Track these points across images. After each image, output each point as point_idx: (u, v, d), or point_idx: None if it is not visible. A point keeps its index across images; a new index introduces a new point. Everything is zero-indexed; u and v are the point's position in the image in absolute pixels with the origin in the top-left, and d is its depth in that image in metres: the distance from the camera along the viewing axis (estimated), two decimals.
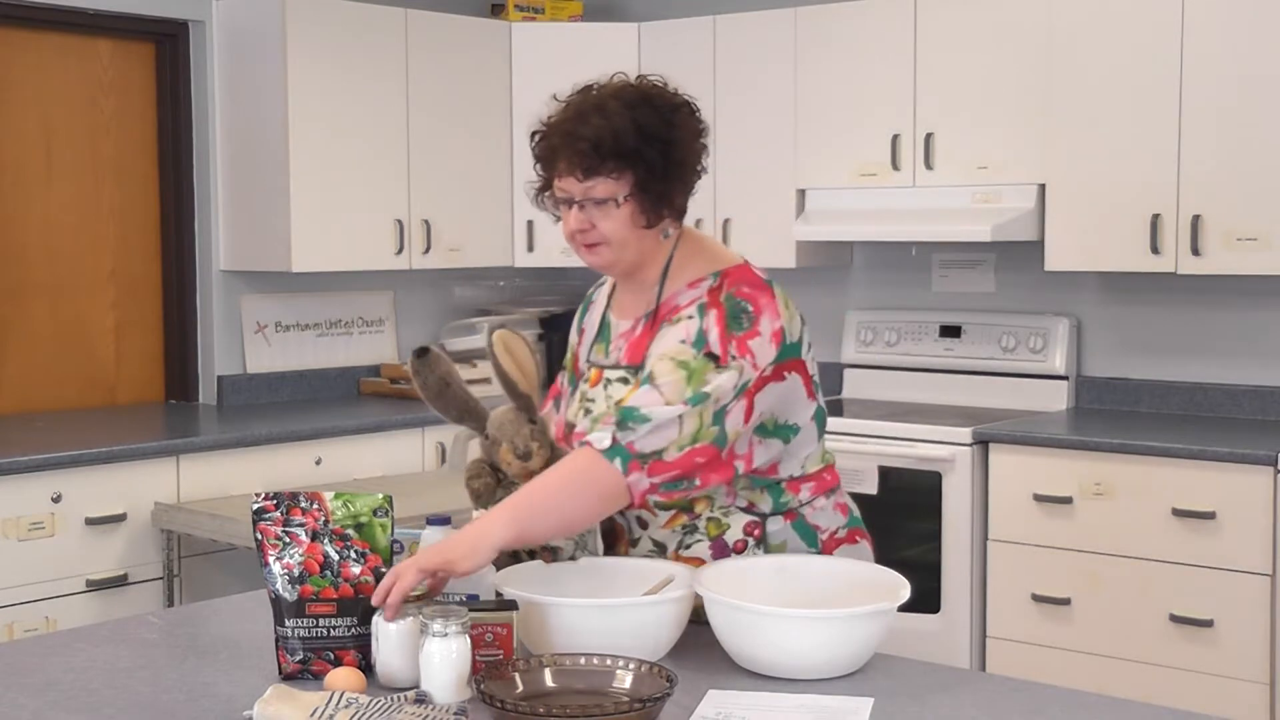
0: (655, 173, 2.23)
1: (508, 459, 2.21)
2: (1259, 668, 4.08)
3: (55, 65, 4.96)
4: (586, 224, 2.25)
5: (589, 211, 2.24)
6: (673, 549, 2.31)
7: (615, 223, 2.24)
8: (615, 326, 2.39)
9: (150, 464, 4.35)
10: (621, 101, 2.23)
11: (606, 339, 2.39)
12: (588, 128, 2.20)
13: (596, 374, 2.36)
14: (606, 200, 2.23)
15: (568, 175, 2.24)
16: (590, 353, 2.42)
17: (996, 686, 2.13)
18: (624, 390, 2.27)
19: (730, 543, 2.30)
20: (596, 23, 5.77)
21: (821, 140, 5.16)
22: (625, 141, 2.20)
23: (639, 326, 2.34)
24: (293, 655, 2.01)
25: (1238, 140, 4.33)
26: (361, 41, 5.18)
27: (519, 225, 5.64)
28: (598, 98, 2.25)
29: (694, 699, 1.90)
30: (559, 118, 2.26)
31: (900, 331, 5.29)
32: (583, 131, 2.21)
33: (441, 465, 5.01)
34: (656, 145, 2.23)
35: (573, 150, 2.21)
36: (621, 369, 2.32)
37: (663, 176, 2.24)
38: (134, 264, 5.20)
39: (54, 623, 4.09)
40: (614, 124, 2.21)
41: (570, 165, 2.22)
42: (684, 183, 2.29)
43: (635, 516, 2.32)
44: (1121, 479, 4.30)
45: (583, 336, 2.46)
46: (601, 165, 2.21)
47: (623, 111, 2.22)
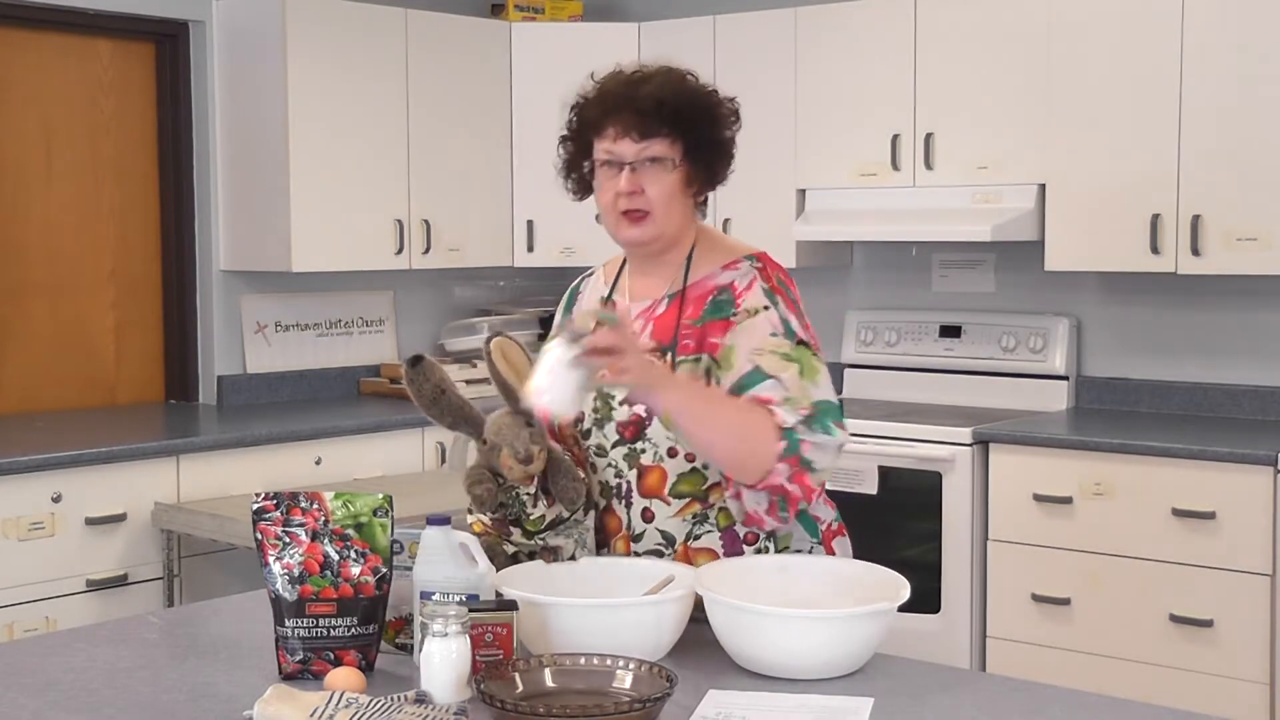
0: (704, 142, 2.31)
1: (509, 463, 2.21)
2: (1259, 668, 4.08)
3: (55, 65, 4.96)
4: (637, 186, 2.28)
5: (640, 173, 2.27)
6: (681, 540, 2.30)
7: (665, 186, 2.28)
8: (628, 309, 2.38)
9: (150, 464, 4.35)
10: (666, 77, 2.31)
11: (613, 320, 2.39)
12: (647, 90, 2.27)
13: None
14: (661, 160, 2.27)
15: (623, 137, 2.27)
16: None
17: (996, 686, 2.13)
18: None
19: (742, 534, 2.31)
20: (596, 23, 5.77)
21: (821, 140, 5.16)
22: (679, 107, 2.28)
23: (662, 305, 2.35)
24: (293, 655, 2.01)
25: (1238, 140, 4.33)
26: (361, 41, 5.18)
27: (519, 225, 5.64)
28: (643, 73, 2.32)
29: (694, 699, 1.90)
30: (606, 87, 2.32)
31: (900, 331, 5.29)
32: (643, 92, 2.27)
33: (441, 465, 5.01)
34: (707, 116, 2.31)
35: (632, 110, 2.26)
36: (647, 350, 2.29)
37: (711, 146, 2.32)
38: (134, 264, 5.20)
39: (54, 623, 4.09)
40: (671, 89, 2.29)
41: (627, 126, 2.26)
42: (726, 158, 2.36)
43: (642, 508, 2.32)
44: (1121, 479, 4.30)
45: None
46: (660, 126, 2.26)
47: (671, 84, 2.30)
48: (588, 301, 2.48)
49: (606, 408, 2.32)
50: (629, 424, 2.30)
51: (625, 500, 2.33)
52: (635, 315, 2.37)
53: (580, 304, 2.49)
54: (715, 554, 2.30)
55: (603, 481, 2.34)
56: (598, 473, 2.34)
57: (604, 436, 2.33)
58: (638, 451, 2.30)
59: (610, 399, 2.31)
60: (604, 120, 2.29)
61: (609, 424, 2.32)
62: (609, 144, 2.29)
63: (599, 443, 2.34)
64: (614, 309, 2.21)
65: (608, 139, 2.29)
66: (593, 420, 2.34)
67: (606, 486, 2.34)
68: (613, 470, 2.33)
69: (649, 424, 2.28)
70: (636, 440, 2.30)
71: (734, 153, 2.37)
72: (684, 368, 2.27)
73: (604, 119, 2.29)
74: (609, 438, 2.32)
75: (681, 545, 2.31)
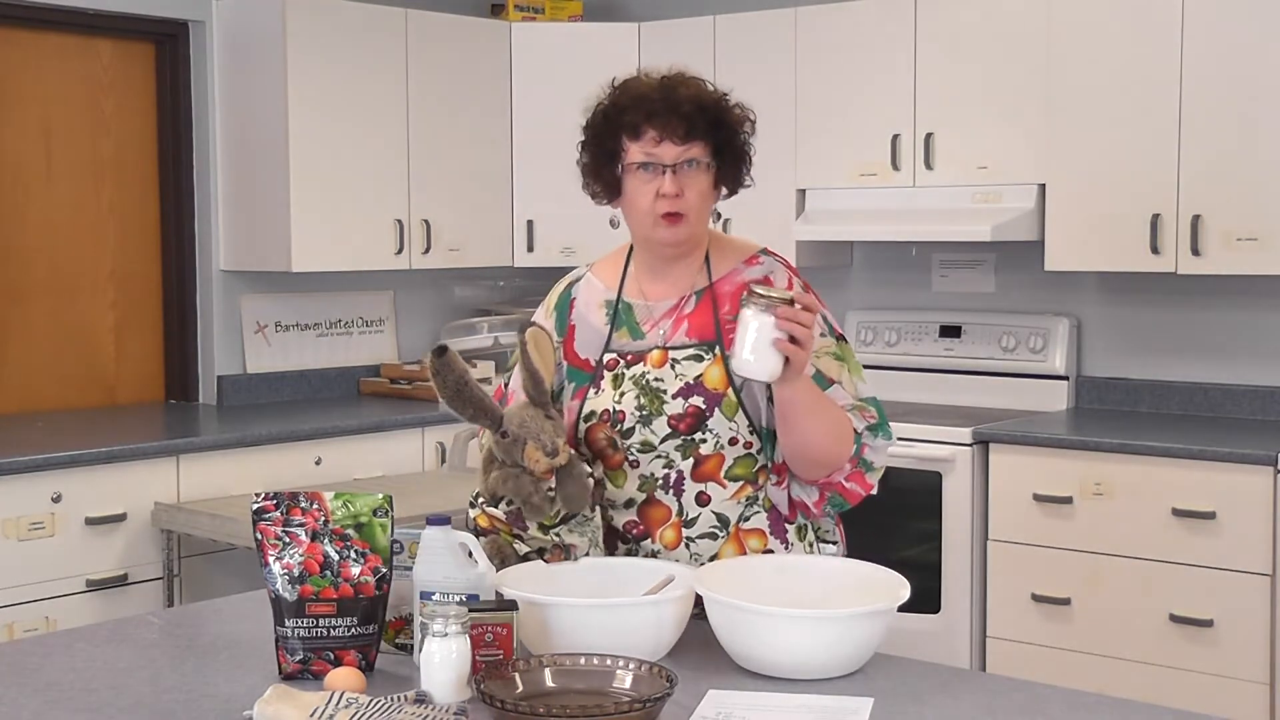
0: (730, 145, 2.37)
1: (535, 456, 2.20)
2: (1259, 668, 4.08)
3: (55, 65, 4.96)
4: (679, 188, 2.32)
5: (680, 176, 2.32)
6: (735, 521, 2.35)
7: (702, 189, 2.34)
8: (646, 308, 2.41)
9: (150, 464, 4.35)
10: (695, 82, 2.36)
11: (631, 323, 2.41)
12: (684, 94, 2.32)
13: (662, 355, 2.36)
14: (699, 163, 2.32)
15: (664, 140, 2.31)
16: (610, 340, 2.40)
17: (996, 686, 2.13)
18: (697, 367, 2.33)
19: (784, 513, 2.38)
20: (596, 23, 5.77)
21: (821, 140, 5.16)
22: (716, 110, 2.34)
23: (690, 303, 2.39)
24: (293, 655, 2.01)
25: (1238, 140, 4.33)
26: (361, 41, 5.18)
27: (519, 225, 5.64)
28: (671, 77, 2.36)
29: (694, 699, 1.90)
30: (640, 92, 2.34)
31: (900, 331, 5.30)
32: (682, 95, 2.31)
33: (441, 465, 5.01)
34: (734, 122, 2.37)
35: (675, 113, 2.30)
36: (690, 345, 2.35)
37: (737, 150, 2.39)
38: (134, 264, 5.20)
39: (54, 623, 4.09)
40: (703, 93, 2.35)
41: (669, 129, 2.30)
42: (748, 162, 2.42)
43: (696, 493, 2.33)
44: (1121, 479, 4.30)
45: (572, 331, 2.44)
46: (699, 130, 2.31)
47: (701, 86, 2.36)
48: (585, 308, 2.45)
49: (656, 403, 2.32)
50: (684, 416, 2.32)
51: (675, 489, 2.34)
52: (661, 315, 2.39)
53: (577, 309, 2.46)
54: (764, 534, 2.36)
55: (645, 475, 2.35)
56: (640, 467, 2.35)
57: (651, 432, 2.33)
58: (696, 442, 2.32)
59: (662, 394, 2.32)
60: (645, 124, 2.31)
61: (658, 419, 2.32)
62: (650, 147, 2.32)
63: (645, 439, 2.33)
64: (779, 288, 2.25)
65: (648, 142, 2.32)
66: (637, 418, 2.33)
67: (651, 479, 2.34)
68: (661, 461, 2.33)
69: (709, 415, 2.31)
70: (694, 431, 2.32)
71: (753, 156, 2.43)
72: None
73: (645, 122, 2.31)
74: (658, 433, 2.32)
75: (734, 527, 2.35)
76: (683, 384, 2.32)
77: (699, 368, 2.33)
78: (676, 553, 2.34)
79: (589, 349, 2.42)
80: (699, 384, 2.32)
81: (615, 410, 2.34)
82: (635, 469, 2.35)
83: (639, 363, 2.36)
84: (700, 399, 2.31)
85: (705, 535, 2.34)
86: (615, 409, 2.34)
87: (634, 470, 2.35)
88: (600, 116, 2.38)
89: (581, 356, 2.42)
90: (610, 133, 2.36)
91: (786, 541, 2.37)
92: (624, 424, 2.33)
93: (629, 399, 2.34)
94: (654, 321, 2.39)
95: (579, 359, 2.42)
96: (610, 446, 2.35)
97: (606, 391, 2.36)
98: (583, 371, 2.41)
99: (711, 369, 2.33)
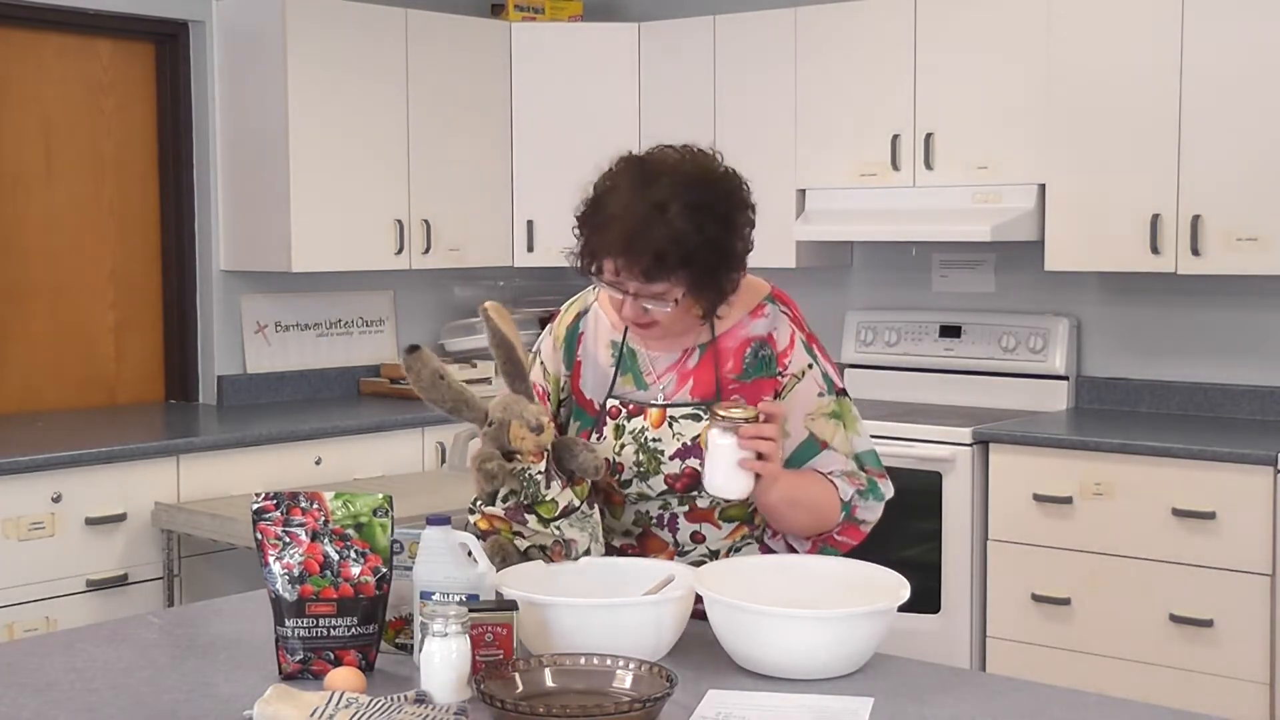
0: (712, 270, 2.23)
1: (521, 434, 2.20)
2: (1259, 668, 4.08)
3: (55, 65, 4.96)
4: (641, 314, 2.26)
5: (645, 301, 2.24)
6: (724, 553, 2.37)
7: (669, 315, 2.27)
8: (649, 359, 2.39)
9: (150, 464, 4.35)
10: (683, 204, 2.18)
11: (635, 370, 2.39)
12: (650, 239, 2.16)
13: (660, 414, 2.34)
14: (662, 296, 2.23)
15: (626, 274, 2.21)
16: (614, 385, 2.39)
17: (996, 686, 2.13)
18: (695, 427, 2.30)
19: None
20: (596, 23, 5.77)
21: (821, 140, 5.16)
22: (687, 254, 2.18)
23: (693, 358, 2.37)
24: (293, 655, 2.01)
25: (1238, 140, 4.32)
26: (361, 41, 5.18)
27: (519, 225, 5.64)
28: (658, 195, 2.18)
29: (694, 699, 1.90)
30: (615, 211, 2.19)
31: (900, 331, 5.29)
32: (648, 241, 2.16)
33: (441, 465, 5.01)
34: (712, 252, 2.22)
35: (635, 259, 2.18)
36: (689, 405, 2.34)
37: (718, 271, 2.24)
38: (134, 264, 5.20)
39: (54, 623, 4.09)
40: (676, 232, 2.17)
41: (631, 265, 2.19)
42: (739, 267, 2.28)
43: (691, 532, 2.35)
44: (1121, 479, 4.30)
45: (579, 368, 2.43)
46: (660, 273, 2.19)
47: (685, 216, 2.18)
48: (592, 344, 2.43)
49: (654, 463, 2.32)
50: (680, 477, 2.32)
51: (670, 527, 2.36)
52: (665, 368, 2.37)
53: (584, 345, 2.44)
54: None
55: (641, 512, 2.36)
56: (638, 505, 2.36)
57: (648, 488, 2.34)
58: (692, 498, 2.34)
59: (659, 455, 2.32)
60: (604, 254, 2.22)
61: (655, 476, 2.33)
62: (613, 275, 2.23)
63: (642, 492, 2.35)
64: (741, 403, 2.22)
65: (609, 271, 2.23)
66: (635, 473, 2.33)
67: (646, 516, 2.36)
68: (658, 504, 2.35)
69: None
70: (690, 490, 2.32)
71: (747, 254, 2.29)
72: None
73: (604, 253, 2.21)
74: (654, 489, 2.34)
75: (724, 555, 2.37)
76: (680, 445, 2.32)
77: (697, 428, 2.31)
78: None
79: (594, 390, 2.42)
80: (696, 445, 2.30)
81: (615, 461, 2.35)
82: (632, 505, 2.37)
83: (639, 415, 2.36)
84: (697, 461, 2.29)
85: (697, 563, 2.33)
86: (615, 459, 2.35)
87: (631, 506, 2.37)
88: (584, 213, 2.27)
89: (587, 396, 2.42)
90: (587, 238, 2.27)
91: None
92: (622, 475, 2.35)
93: (628, 453, 2.34)
94: (657, 375, 2.38)
95: (584, 398, 2.42)
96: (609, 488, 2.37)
97: (608, 440, 2.36)
98: (586, 413, 2.41)
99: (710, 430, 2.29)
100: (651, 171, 2.23)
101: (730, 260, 2.25)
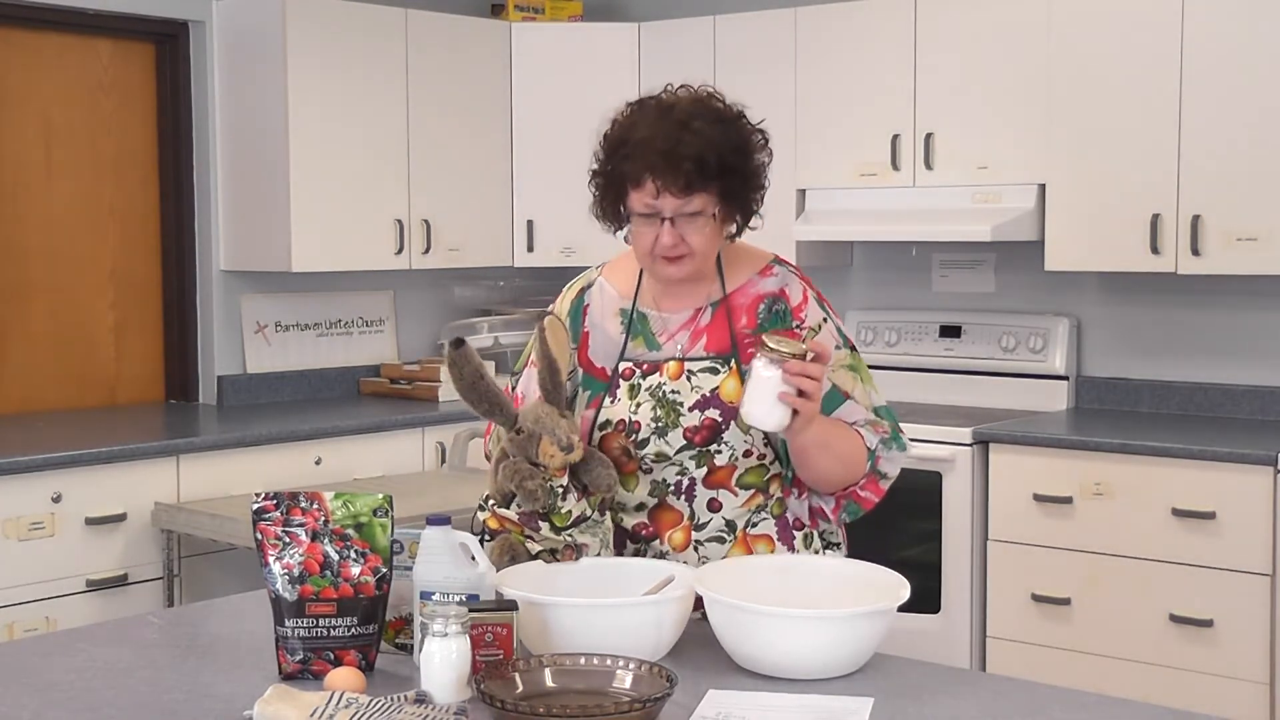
0: (740, 185, 2.32)
1: (550, 451, 2.21)
2: (1259, 668, 4.08)
3: (55, 65, 4.96)
4: (678, 238, 2.29)
5: (681, 226, 2.28)
6: (742, 527, 2.36)
7: (705, 235, 2.30)
8: (661, 320, 2.41)
9: (150, 464, 4.35)
10: (705, 120, 2.28)
11: (646, 333, 2.41)
12: (687, 146, 2.24)
13: (678, 366, 2.36)
14: (699, 214, 2.28)
15: (664, 193, 2.25)
16: (625, 349, 2.41)
17: (996, 686, 2.13)
18: (713, 379, 2.33)
19: (791, 520, 2.40)
20: (596, 23, 5.77)
21: (821, 140, 5.16)
22: (721, 158, 2.27)
23: (705, 315, 2.39)
24: (293, 655, 2.01)
25: (1238, 140, 4.32)
26: (361, 41, 5.18)
27: (519, 225, 5.64)
28: (680, 115, 2.28)
29: (694, 699, 1.90)
30: (644, 135, 2.27)
31: (900, 331, 5.29)
32: (683, 150, 2.24)
33: (441, 465, 5.01)
34: (742, 159, 2.31)
35: (675, 170, 2.24)
36: (707, 359, 2.36)
37: (745, 187, 2.33)
38: (134, 264, 5.20)
39: (54, 623, 4.09)
40: (708, 140, 2.26)
41: (667, 183, 2.25)
42: (760, 191, 2.37)
43: (708, 499, 2.35)
44: (1121, 479, 4.30)
45: (586, 338, 2.44)
46: (699, 182, 2.25)
47: (711, 128, 2.28)
48: (599, 315, 2.45)
49: (672, 416, 2.33)
50: (700, 429, 2.33)
51: (686, 495, 2.36)
52: (676, 327, 2.39)
53: (591, 316, 2.45)
54: (771, 540, 2.37)
55: (658, 480, 2.36)
56: (653, 474, 2.36)
57: (666, 444, 2.34)
58: (710, 453, 2.34)
59: (679, 407, 2.33)
60: (643, 175, 2.26)
61: (674, 430, 2.33)
62: (648, 198, 2.27)
63: (660, 450, 2.34)
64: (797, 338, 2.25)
65: (647, 193, 2.27)
66: (653, 429, 2.33)
67: (663, 484, 2.36)
68: (675, 469, 2.35)
69: (725, 428, 2.32)
70: (709, 443, 2.33)
71: (766, 182, 2.37)
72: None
73: (646, 174, 2.26)
74: (673, 444, 2.33)
75: (741, 532, 2.36)
76: (699, 396, 2.33)
77: (715, 380, 2.34)
78: (685, 555, 2.35)
79: (604, 357, 2.42)
80: (715, 396, 2.32)
81: (631, 420, 2.34)
82: (648, 474, 2.36)
83: (655, 373, 2.37)
84: (717, 412, 2.32)
85: (713, 539, 2.35)
86: (631, 419, 2.35)
87: (646, 476, 2.36)
88: (608, 151, 2.33)
89: (597, 365, 2.42)
90: (614, 174, 2.32)
91: (793, 548, 2.39)
92: (639, 434, 2.34)
93: (645, 410, 2.34)
94: (670, 334, 2.40)
95: (594, 367, 2.42)
96: (624, 455, 2.36)
97: (622, 401, 2.36)
98: (598, 380, 2.41)
99: (728, 381, 2.33)
100: (665, 102, 2.32)
101: (756, 173, 2.34)
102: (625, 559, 2.33)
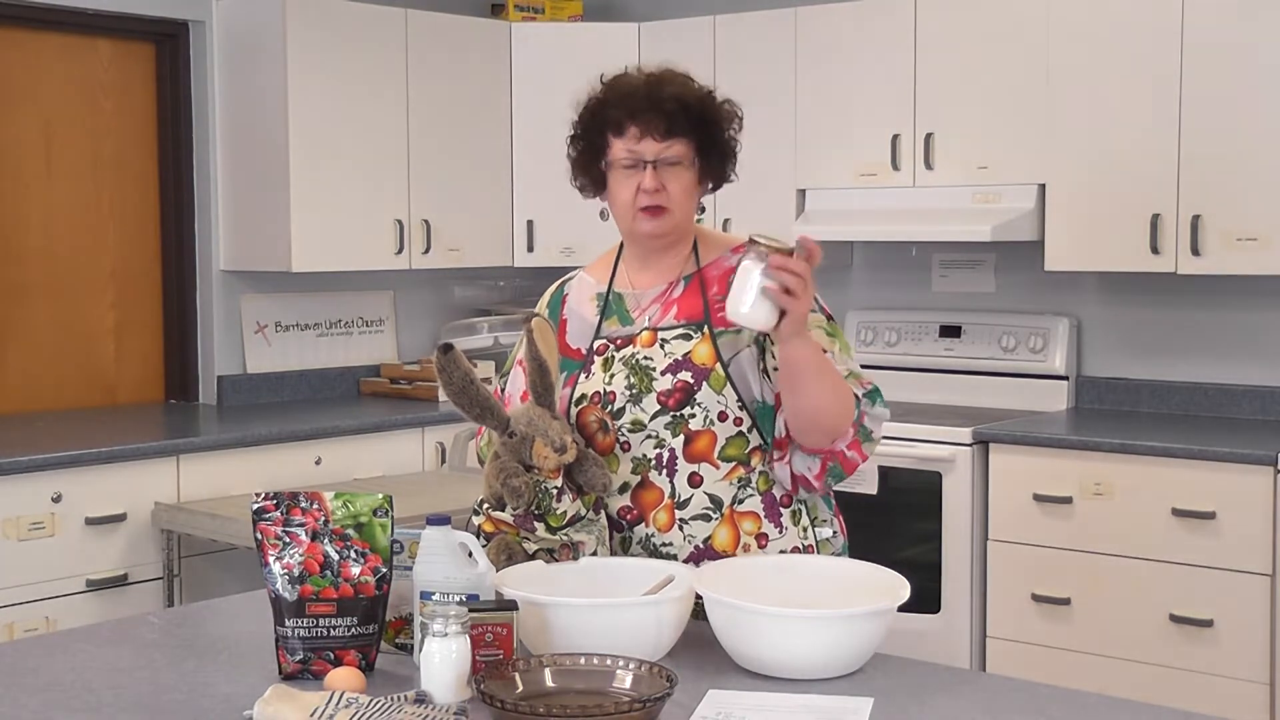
0: (715, 142, 2.41)
1: (543, 453, 2.22)
2: (1259, 668, 4.08)
3: (55, 65, 4.96)
4: (659, 183, 2.36)
5: (661, 173, 2.36)
6: (728, 504, 2.36)
7: (683, 184, 2.38)
8: (635, 297, 2.46)
9: (150, 464, 4.35)
10: (680, 80, 2.41)
11: (621, 311, 2.45)
12: (668, 91, 2.36)
13: (651, 335, 2.40)
14: (679, 162, 2.37)
15: (645, 137, 2.35)
16: (600, 329, 2.45)
17: (996, 686, 2.13)
18: (685, 345, 2.37)
19: (778, 497, 2.39)
20: (596, 23, 5.77)
21: (821, 140, 5.16)
22: (700, 106, 2.38)
23: (678, 287, 2.43)
24: (293, 655, 2.01)
25: (1238, 140, 4.33)
26: (361, 41, 5.18)
27: (519, 225, 5.64)
28: (656, 75, 2.41)
29: (694, 699, 1.90)
30: (626, 90, 2.38)
31: (900, 331, 5.30)
32: (666, 93, 2.36)
33: (441, 465, 5.01)
34: (717, 119, 2.41)
35: (657, 111, 2.34)
36: (679, 326, 2.39)
37: (720, 145, 2.42)
38: (134, 264, 5.20)
39: (54, 623, 4.09)
40: (687, 88, 2.40)
41: (650, 126, 2.35)
42: (732, 158, 2.46)
43: (689, 474, 2.35)
44: (1121, 479, 4.30)
45: (564, 325, 2.49)
46: (681, 127, 2.36)
47: (687, 84, 2.40)
48: (576, 302, 2.50)
49: (645, 381, 2.36)
50: (672, 392, 2.34)
51: (668, 470, 2.36)
52: (650, 300, 2.44)
53: (569, 305, 2.51)
54: (758, 517, 2.37)
55: (638, 456, 2.36)
56: (631, 450, 2.37)
57: (641, 410, 2.35)
58: (685, 418, 2.34)
59: (651, 372, 2.36)
60: (627, 120, 2.36)
61: (647, 396, 2.35)
62: (631, 144, 2.36)
63: (635, 418, 2.36)
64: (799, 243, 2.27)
65: (630, 138, 2.36)
66: (628, 397, 2.36)
67: (644, 460, 2.36)
68: (652, 441, 2.35)
69: (697, 389, 2.34)
70: (683, 406, 2.34)
71: (738, 153, 2.46)
72: (724, 339, 2.37)
73: (627, 119, 2.36)
74: (647, 410, 2.35)
75: (727, 509, 2.36)
76: (671, 361, 2.36)
77: (687, 345, 2.37)
78: (670, 535, 2.35)
79: (580, 339, 2.47)
80: (687, 360, 2.36)
81: (605, 391, 2.38)
82: (627, 452, 2.37)
83: (628, 345, 2.41)
84: (688, 373, 2.35)
85: (698, 517, 2.36)
86: (605, 390, 2.38)
87: (626, 454, 2.37)
88: (588, 113, 2.43)
89: (573, 347, 2.47)
90: (596, 128, 2.41)
91: (781, 525, 2.38)
92: (614, 404, 2.37)
93: (619, 379, 2.38)
94: (642, 308, 2.45)
95: (570, 349, 2.46)
96: (601, 429, 2.38)
97: (597, 375, 2.41)
98: (573, 360, 2.45)
99: (700, 346, 2.37)
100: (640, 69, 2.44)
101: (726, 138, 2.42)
102: (625, 559, 2.33)
